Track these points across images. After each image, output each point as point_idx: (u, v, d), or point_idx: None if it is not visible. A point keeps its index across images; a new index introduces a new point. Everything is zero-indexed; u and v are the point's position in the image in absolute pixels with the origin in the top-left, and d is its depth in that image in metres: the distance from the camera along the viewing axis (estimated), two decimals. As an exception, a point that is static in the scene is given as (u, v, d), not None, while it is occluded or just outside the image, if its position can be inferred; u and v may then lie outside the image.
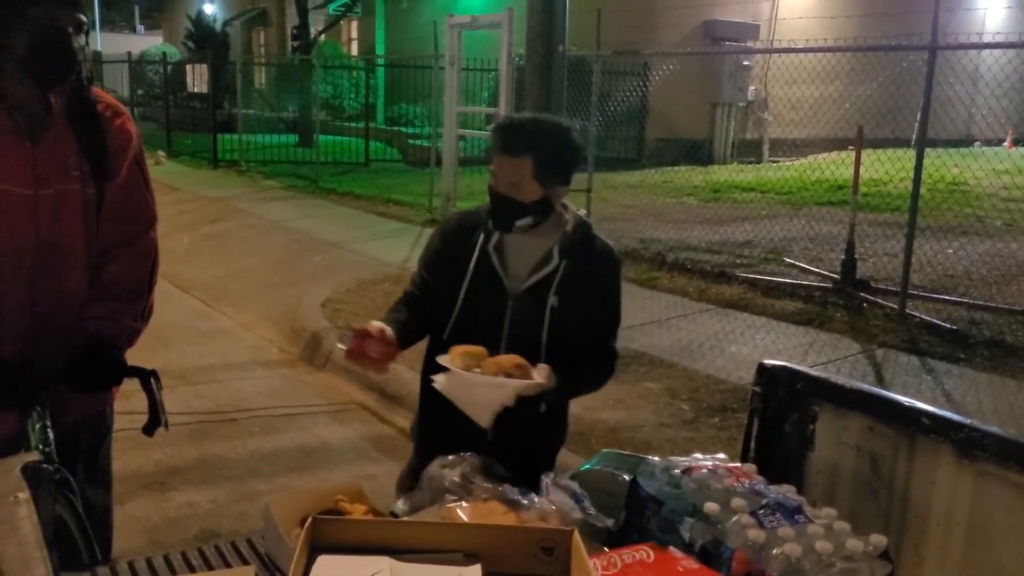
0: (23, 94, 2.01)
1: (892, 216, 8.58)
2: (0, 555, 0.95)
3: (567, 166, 2.12)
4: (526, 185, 2.06)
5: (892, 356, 5.33)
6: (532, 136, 2.06)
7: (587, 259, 2.16)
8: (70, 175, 2.08)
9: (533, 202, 2.08)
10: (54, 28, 1.95)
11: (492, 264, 2.15)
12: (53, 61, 1.97)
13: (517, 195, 2.07)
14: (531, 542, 1.40)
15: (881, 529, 1.62)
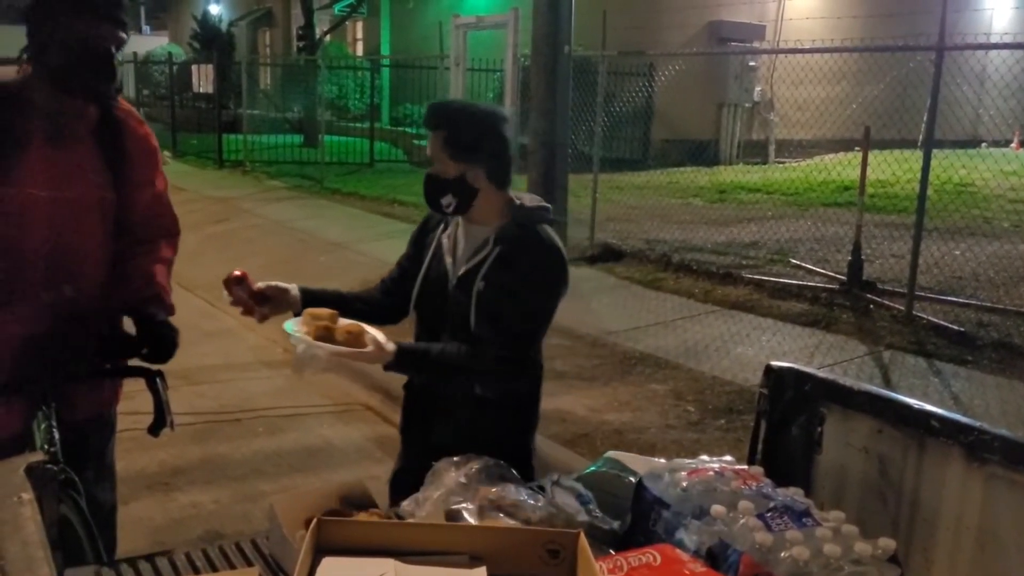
0: (56, 102, 2.06)
1: (899, 217, 8.55)
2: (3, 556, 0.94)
3: (476, 144, 2.16)
4: (442, 160, 2.17)
5: (899, 358, 5.31)
6: (443, 113, 2.20)
7: (519, 246, 2.17)
8: (90, 180, 2.14)
9: (451, 179, 2.16)
10: (97, 44, 2.00)
11: (443, 252, 2.27)
12: (92, 75, 2.03)
13: (438, 171, 2.18)
14: (537, 544, 1.39)
15: (889, 533, 1.61)
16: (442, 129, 2.16)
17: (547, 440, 4.21)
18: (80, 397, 2.28)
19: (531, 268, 2.17)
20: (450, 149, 2.15)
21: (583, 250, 8.11)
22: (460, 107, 2.28)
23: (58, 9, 1.99)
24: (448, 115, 2.19)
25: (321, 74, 15.09)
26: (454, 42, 9.82)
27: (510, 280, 2.16)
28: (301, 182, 13.49)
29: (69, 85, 2.03)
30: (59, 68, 2.01)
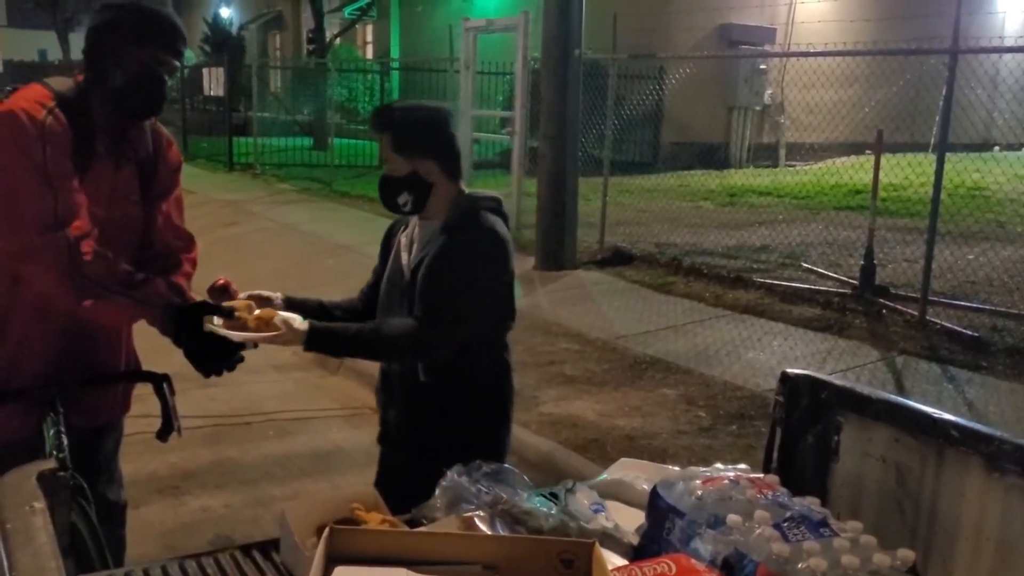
0: (114, 124, 2.14)
1: (911, 221, 8.50)
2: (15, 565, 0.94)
3: (423, 139, 2.24)
4: (393, 160, 2.25)
5: (912, 364, 5.27)
6: (387, 115, 2.27)
7: (459, 231, 2.23)
8: (130, 200, 2.22)
9: (404, 177, 2.23)
10: (154, 72, 2.09)
11: (400, 250, 2.34)
12: (146, 100, 2.13)
13: (391, 171, 2.26)
14: (551, 554, 1.37)
15: (907, 544, 1.58)
16: (388, 130, 2.23)
17: (557, 445, 4.20)
18: (94, 404, 2.29)
19: (463, 248, 2.22)
20: (398, 146, 2.22)
21: (593, 253, 8.09)
22: (403, 107, 2.34)
23: (126, 38, 2.06)
24: (392, 117, 2.26)
25: (331, 77, 15.13)
26: (464, 45, 9.81)
27: (442, 261, 2.21)
28: (310, 185, 13.52)
29: (125, 108, 2.11)
30: (117, 91, 2.09)
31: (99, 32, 2.09)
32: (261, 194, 12.83)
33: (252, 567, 1.70)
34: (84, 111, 2.09)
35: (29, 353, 2.16)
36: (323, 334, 2.16)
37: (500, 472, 1.96)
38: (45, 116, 2.01)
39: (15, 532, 1.01)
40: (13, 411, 2.15)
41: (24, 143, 1.97)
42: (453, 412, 2.32)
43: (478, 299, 2.23)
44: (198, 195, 12.44)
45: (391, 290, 2.34)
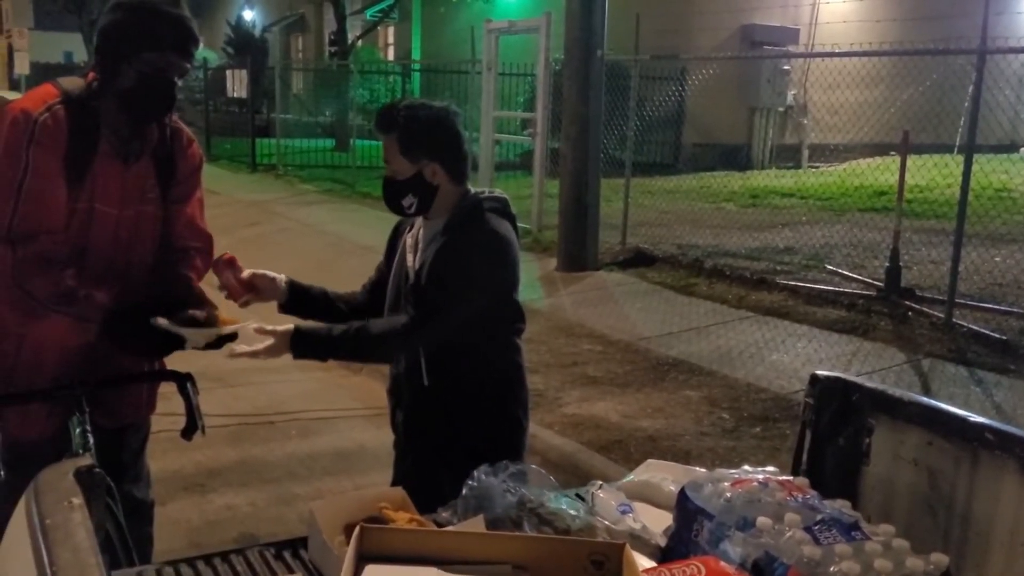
0: (123, 124, 2.13)
1: (937, 223, 8.41)
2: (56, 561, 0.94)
3: (429, 139, 2.20)
4: (397, 162, 2.20)
5: (939, 366, 5.21)
6: (393, 114, 2.19)
7: (462, 231, 2.21)
8: (147, 198, 2.22)
9: (409, 179, 2.19)
10: (162, 74, 2.07)
11: (405, 252, 2.31)
12: (155, 103, 2.12)
13: (394, 174, 2.21)
14: (581, 555, 1.36)
15: (940, 548, 1.56)
16: (394, 131, 2.18)
17: (580, 446, 4.19)
18: (119, 404, 2.31)
19: (460, 248, 2.19)
20: (403, 148, 2.17)
21: (615, 255, 8.07)
22: (408, 107, 2.24)
23: (136, 39, 2.05)
24: (398, 116, 2.19)
25: (353, 79, 15.20)
26: (486, 47, 9.82)
27: (439, 261, 2.20)
28: (333, 186, 13.58)
29: (134, 109, 2.11)
30: (127, 92, 2.08)
31: (109, 32, 2.08)
32: (284, 195, 12.90)
33: (280, 565, 1.70)
34: (91, 110, 2.09)
35: (52, 352, 2.17)
36: (310, 336, 2.20)
37: (526, 472, 1.95)
38: (41, 113, 2.01)
39: (54, 528, 1.02)
40: (39, 411, 2.17)
41: (12, 143, 1.99)
42: (459, 415, 2.29)
43: (473, 299, 2.19)
44: (221, 195, 12.54)
45: (397, 292, 2.31)
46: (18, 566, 1.03)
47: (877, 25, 12.26)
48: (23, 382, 2.15)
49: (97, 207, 2.13)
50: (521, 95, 13.69)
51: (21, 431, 2.10)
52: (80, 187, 2.09)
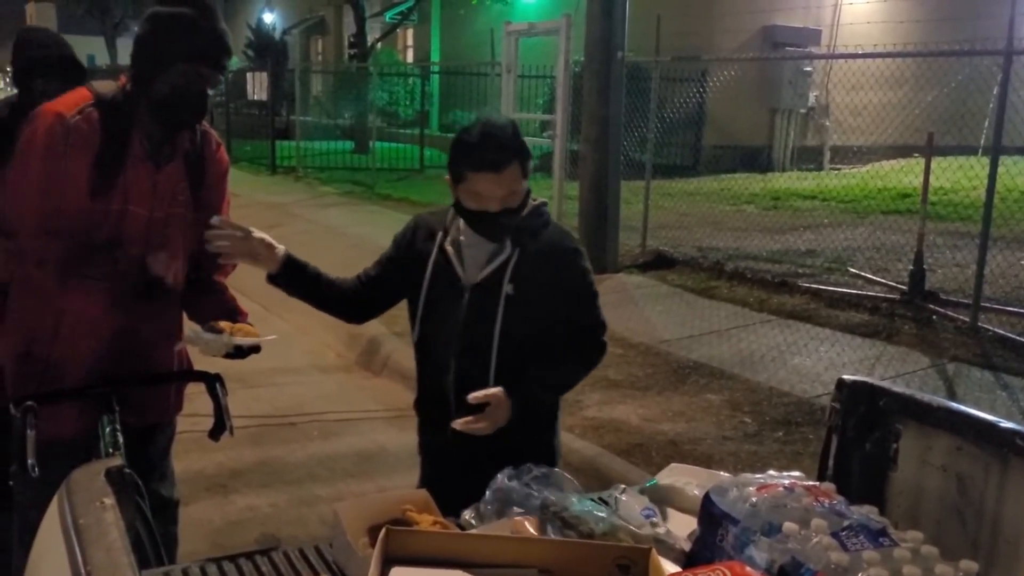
0: (155, 129, 2.18)
1: (961, 226, 8.32)
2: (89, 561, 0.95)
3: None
4: (518, 189, 2.10)
5: (964, 371, 5.15)
6: (514, 142, 2.08)
7: (541, 244, 2.15)
8: (177, 200, 2.26)
9: (522, 202, 2.12)
10: (195, 85, 2.12)
11: (449, 259, 2.18)
12: (187, 112, 2.18)
13: (515, 202, 2.09)
14: (607, 559, 1.36)
15: (969, 554, 1.54)
16: (517, 159, 2.07)
17: (601, 450, 4.17)
18: (147, 403, 2.34)
19: (569, 259, 2.18)
20: (525, 170, 2.10)
21: (635, 257, 8.04)
22: (510, 126, 2.12)
23: (171, 51, 2.09)
24: (518, 142, 2.09)
25: (372, 81, 15.25)
26: (505, 48, 9.82)
27: (552, 276, 2.13)
28: (352, 188, 13.63)
29: (166, 117, 2.16)
30: (160, 101, 2.12)
31: (145, 42, 2.12)
32: (303, 197, 12.97)
33: (305, 566, 1.71)
34: (124, 113, 2.13)
35: (82, 351, 2.20)
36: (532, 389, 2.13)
37: (550, 476, 1.95)
38: (73, 116, 2.06)
39: (87, 528, 1.03)
40: (71, 410, 2.20)
41: (44, 145, 2.04)
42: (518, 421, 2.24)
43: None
44: (242, 198, 12.63)
45: (437, 303, 2.20)
46: (51, 565, 1.04)
47: (900, 26, 12.17)
48: (57, 379, 2.18)
49: (130, 208, 2.17)
50: (541, 97, 13.69)
51: (54, 430, 2.12)
52: (112, 188, 2.13)
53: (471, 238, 2.18)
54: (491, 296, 2.14)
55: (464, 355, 2.19)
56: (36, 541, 1.26)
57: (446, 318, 2.19)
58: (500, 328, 2.14)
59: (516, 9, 17.14)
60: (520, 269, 2.13)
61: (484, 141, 2.05)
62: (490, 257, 2.15)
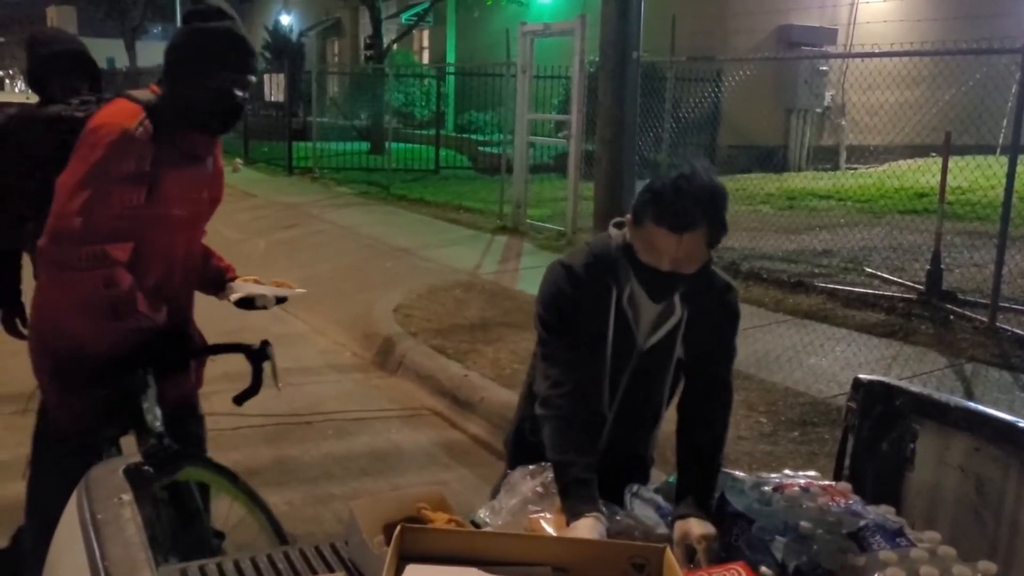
0: (193, 135, 2.31)
1: (979, 225, 8.25)
2: (107, 556, 0.96)
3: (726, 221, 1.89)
4: (701, 254, 1.86)
5: (982, 371, 5.11)
6: (706, 206, 1.80)
7: (708, 301, 2.01)
8: (200, 198, 2.43)
9: (699, 270, 1.90)
10: (227, 92, 2.22)
11: (628, 321, 1.99)
12: (223, 118, 2.29)
13: (686, 269, 1.86)
14: (622, 558, 1.36)
15: (986, 555, 1.54)
16: (703, 222, 1.80)
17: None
18: (181, 380, 2.48)
19: (732, 314, 2.07)
20: (711, 241, 1.85)
21: (650, 257, 8.01)
22: (711, 190, 1.83)
23: (203, 61, 2.20)
24: (710, 206, 1.81)
25: (388, 82, 15.29)
26: (521, 49, 9.83)
27: (714, 332, 2.03)
28: (368, 188, 13.67)
29: (201, 124, 2.27)
30: (196, 108, 2.23)
31: (180, 51, 2.23)
32: (320, 197, 13.02)
33: (320, 563, 1.72)
34: (166, 121, 2.23)
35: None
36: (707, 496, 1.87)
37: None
38: (136, 127, 2.16)
39: (105, 523, 1.04)
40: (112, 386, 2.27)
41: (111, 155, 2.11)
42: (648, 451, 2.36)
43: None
44: (259, 198, 12.70)
45: (616, 365, 2.04)
46: (70, 560, 1.06)
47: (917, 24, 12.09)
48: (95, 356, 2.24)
49: (173, 212, 2.32)
50: (556, 97, 13.69)
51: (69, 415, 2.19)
52: (161, 193, 2.24)
53: (641, 296, 1.97)
54: (661, 359, 2.04)
55: (625, 417, 2.11)
56: (55, 536, 1.27)
57: (613, 375, 2.05)
58: (668, 391, 2.09)
59: (531, 10, 17.15)
60: (691, 333, 2.01)
61: (679, 195, 1.80)
62: (660, 318, 2.00)
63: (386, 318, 6.28)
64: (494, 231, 9.82)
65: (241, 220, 10.62)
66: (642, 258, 1.87)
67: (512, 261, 8.38)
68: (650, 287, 1.90)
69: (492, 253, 8.76)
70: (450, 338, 5.80)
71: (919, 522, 1.77)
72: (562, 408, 1.89)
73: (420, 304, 6.63)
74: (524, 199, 10.02)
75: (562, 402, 1.90)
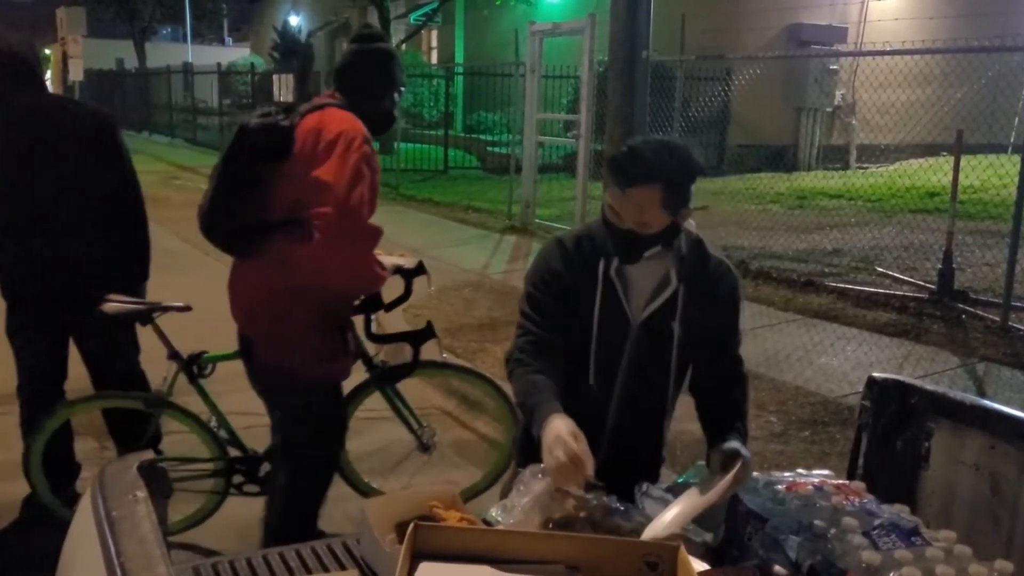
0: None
1: (991, 224, 8.20)
2: (122, 553, 0.97)
3: (689, 188, 1.96)
4: (655, 215, 1.91)
5: (994, 371, 5.08)
6: (657, 163, 1.88)
7: (705, 280, 2.05)
8: None
9: (663, 231, 1.95)
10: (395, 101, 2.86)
11: (616, 292, 2.02)
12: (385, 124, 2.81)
13: (644, 228, 1.93)
14: (635, 556, 1.36)
15: (1002, 554, 1.53)
16: (657, 181, 1.88)
17: (626, 449, 4.16)
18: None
19: (731, 294, 2.10)
20: (668, 202, 1.90)
21: (659, 257, 8.00)
22: (664, 150, 1.91)
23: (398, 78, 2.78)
24: (662, 164, 1.88)
25: (397, 82, 15.28)
26: (529, 49, 9.83)
27: (714, 312, 2.06)
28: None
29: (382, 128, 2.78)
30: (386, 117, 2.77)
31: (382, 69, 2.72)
32: (329, 198, 13.04)
33: (332, 561, 1.72)
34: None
35: None
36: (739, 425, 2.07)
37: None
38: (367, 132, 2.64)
39: (120, 520, 1.04)
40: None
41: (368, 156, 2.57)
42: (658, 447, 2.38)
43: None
44: (268, 199, 12.72)
45: (605, 336, 2.06)
46: (85, 557, 1.06)
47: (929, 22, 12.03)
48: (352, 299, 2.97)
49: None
50: (565, 97, 13.68)
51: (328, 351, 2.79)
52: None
53: (632, 268, 2.03)
54: (658, 334, 2.04)
55: (631, 396, 2.11)
56: (69, 533, 1.28)
57: (608, 353, 2.07)
58: (675, 367, 2.08)
59: (540, 9, 17.14)
60: (687, 307, 2.02)
61: (625, 155, 1.91)
62: (655, 292, 2.03)
63: (395, 317, 6.27)
64: (503, 231, 9.82)
65: (251, 220, 10.64)
66: (608, 218, 1.98)
67: (521, 261, 8.37)
68: (614, 245, 1.98)
69: (501, 253, 8.76)
70: (459, 337, 5.80)
71: (934, 521, 1.76)
72: (523, 357, 2.00)
73: (429, 303, 6.63)
74: (533, 199, 10.02)
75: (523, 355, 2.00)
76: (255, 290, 2.67)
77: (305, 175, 2.49)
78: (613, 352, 2.05)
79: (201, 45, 39.62)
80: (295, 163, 2.53)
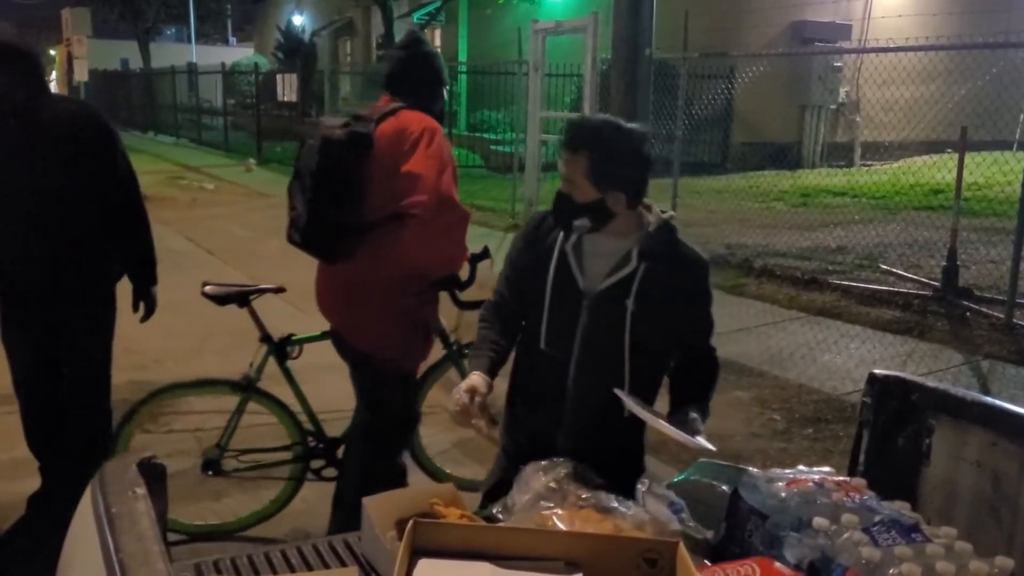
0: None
1: (996, 221, 8.18)
2: (121, 549, 0.97)
3: (623, 171, 2.01)
4: (580, 184, 2.02)
5: (999, 368, 5.07)
6: (588, 133, 2.02)
7: (669, 263, 2.08)
8: None
9: (587, 204, 2.02)
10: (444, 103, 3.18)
11: (569, 264, 2.11)
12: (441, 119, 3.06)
13: (573, 194, 2.04)
14: (634, 553, 1.36)
15: (1003, 551, 1.52)
16: (585, 150, 1.98)
17: (629, 447, 4.16)
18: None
19: (697, 281, 2.13)
20: (593, 175, 1.98)
21: (663, 255, 7.99)
22: (604, 125, 2.03)
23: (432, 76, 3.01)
24: (594, 136, 1.99)
25: (400, 81, 15.28)
26: (533, 47, 9.82)
27: (677, 296, 2.08)
28: (381, 187, 13.69)
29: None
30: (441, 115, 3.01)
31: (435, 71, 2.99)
32: (332, 197, 13.05)
33: (333, 558, 1.73)
34: None
35: None
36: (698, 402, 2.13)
37: (576, 470, 1.95)
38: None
39: (119, 516, 1.05)
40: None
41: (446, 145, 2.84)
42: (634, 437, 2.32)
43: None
44: (273, 198, 12.72)
45: (557, 299, 2.12)
46: (85, 553, 1.07)
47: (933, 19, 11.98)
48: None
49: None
50: (568, 95, 13.67)
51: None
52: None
53: (592, 244, 2.10)
54: (613, 310, 2.07)
55: (587, 365, 2.13)
56: (70, 530, 1.29)
57: (562, 325, 2.12)
58: (629, 343, 2.08)
59: (543, 8, 17.13)
60: (645, 286, 2.04)
61: (571, 121, 2.10)
62: (614, 268, 2.08)
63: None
64: (506, 229, 9.81)
65: (254, 220, 10.65)
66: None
67: (525, 259, 8.36)
68: (553, 207, 2.11)
69: (504, 251, 8.75)
70: (463, 336, 5.80)
71: (935, 518, 1.76)
72: (484, 314, 2.30)
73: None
74: (536, 197, 10.01)
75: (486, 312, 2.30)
76: (349, 285, 2.89)
77: (396, 172, 2.69)
78: (566, 321, 2.11)
79: (205, 45, 39.68)
80: (384, 164, 2.71)
